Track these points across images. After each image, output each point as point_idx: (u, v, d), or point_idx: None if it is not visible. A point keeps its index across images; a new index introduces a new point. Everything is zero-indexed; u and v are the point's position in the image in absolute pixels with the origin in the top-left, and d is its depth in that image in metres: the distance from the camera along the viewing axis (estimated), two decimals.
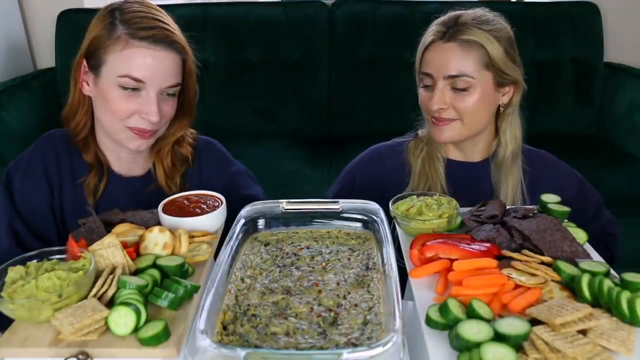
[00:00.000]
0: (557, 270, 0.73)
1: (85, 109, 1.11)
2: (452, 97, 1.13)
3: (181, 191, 1.06)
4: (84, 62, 1.07)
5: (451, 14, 1.16)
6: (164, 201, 0.96)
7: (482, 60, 1.11)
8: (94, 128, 1.14)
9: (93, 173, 1.12)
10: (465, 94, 1.12)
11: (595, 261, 0.77)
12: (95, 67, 1.05)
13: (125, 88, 1.02)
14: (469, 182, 1.22)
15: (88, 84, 1.08)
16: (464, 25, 1.12)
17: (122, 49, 1.01)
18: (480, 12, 1.15)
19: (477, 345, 0.59)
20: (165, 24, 1.05)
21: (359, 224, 0.94)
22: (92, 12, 1.08)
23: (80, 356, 0.63)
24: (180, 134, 1.18)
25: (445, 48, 1.13)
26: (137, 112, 1.04)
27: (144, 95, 1.03)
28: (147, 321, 0.66)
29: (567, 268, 0.73)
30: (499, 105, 1.19)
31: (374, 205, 0.94)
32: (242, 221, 0.91)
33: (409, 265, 0.81)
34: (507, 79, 1.15)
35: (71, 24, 2.41)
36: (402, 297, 0.71)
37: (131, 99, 1.03)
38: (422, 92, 1.20)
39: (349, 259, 0.85)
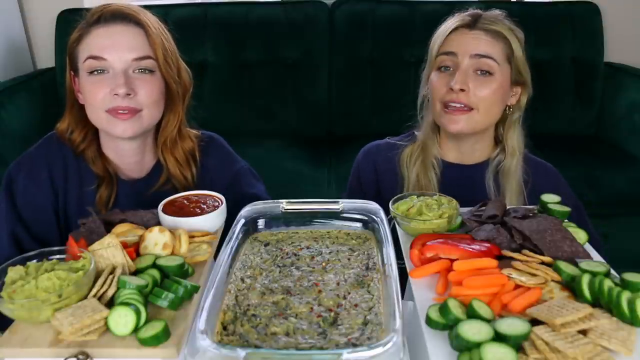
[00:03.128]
0: (557, 270, 0.73)
1: (82, 123, 1.11)
2: (473, 80, 1.11)
3: (195, 181, 1.06)
4: (72, 72, 1.09)
5: (471, 11, 1.17)
6: (164, 201, 0.96)
7: (505, 52, 1.13)
8: (98, 140, 1.14)
9: (104, 186, 1.11)
10: (487, 80, 1.12)
11: (596, 261, 0.77)
12: (75, 70, 1.08)
13: (92, 73, 1.03)
14: (464, 185, 1.22)
15: (81, 93, 1.09)
16: (489, 18, 1.14)
17: (84, 38, 1.05)
18: (498, 13, 1.17)
19: (477, 345, 0.59)
20: (116, 4, 1.07)
21: (359, 224, 0.94)
22: None
23: (80, 356, 0.63)
24: (179, 119, 1.15)
25: (472, 33, 1.13)
26: (108, 92, 1.02)
27: (112, 74, 1.03)
28: (147, 321, 0.66)
29: (567, 268, 0.73)
30: (506, 107, 1.19)
31: (374, 205, 0.94)
32: (242, 221, 0.91)
33: (409, 265, 0.81)
34: (520, 78, 1.17)
35: (71, 24, 2.38)
36: (402, 297, 0.71)
37: (101, 81, 1.03)
38: (435, 77, 1.17)
39: (349, 259, 0.85)
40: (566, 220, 0.89)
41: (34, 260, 0.76)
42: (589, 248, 0.84)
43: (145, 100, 1.05)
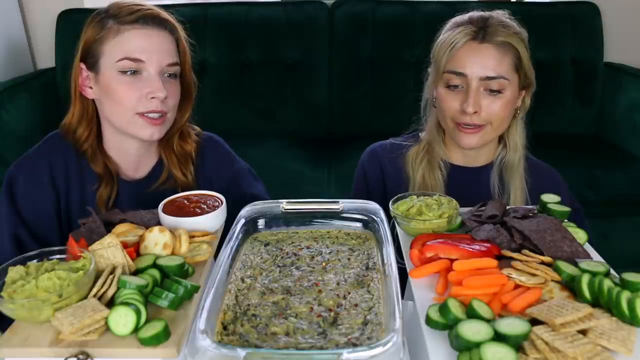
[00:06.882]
0: (557, 270, 0.74)
1: (89, 118, 1.11)
2: (485, 98, 1.11)
3: (195, 181, 1.08)
4: (82, 65, 1.07)
5: (476, 14, 1.15)
6: (164, 201, 0.96)
7: (513, 62, 1.12)
8: (100, 137, 1.14)
9: (104, 184, 1.11)
10: (498, 97, 1.11)
11: (595, 261, 0.77)
12: (93, 64, 1.06)
13: (125, 72, 1.03)
14: (469, 187, 1.22)
15: (91, 87, 1.08)
16: (497, 26, 1.11)
17: (115, 36, 1.03)
18: (502, 14, 1.15)
19: (477, 345, 0.59)
20: (151, 7, 1.07)
21: (359, 224, 0.94)
22: (92, 12, 1.08)
23: (81, 356, 0.63)
24: (186, 118, 1.18)
25: (481, 49, 1.10)
26: (144, 95, 1.03)
27: (146, 76, 1.04)
28: (147, 321, 0.66)
29: (567, 268, 0.73)
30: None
31: (374, 205, 0.94)
32: (242, 221, 0.91)
33: (409, 265, 0.81)
34: (527, 82, 1.16)
35: (71, 24, 2.40)
36: (402, 297, 0.71)
37: (134, 83, 1.03)
38: (444, 93, 1.15)
39: (349, 259, 0.85)
40: (566, 220, 0.89)
41: (35, 260, 0.76)
42: (588, 248, 0.84)
43: (171, 103, 1.09)
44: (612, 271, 0.75)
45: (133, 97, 1.03)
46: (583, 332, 0.61)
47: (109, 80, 1.04)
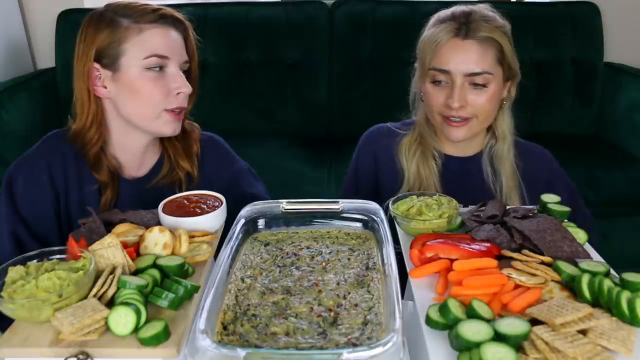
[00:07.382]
0: (557, 270, 0.74)
1: (99, 120, 1.10)
2: (470, 93, 1.13)
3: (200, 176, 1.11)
4: (96, 65, 1.05)
5: (458, 9, 1.16)
6: (164, 201, 0.96)
7: (496, 56, 1.13)
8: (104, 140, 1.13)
9: (109, 190, 1.11)
10: (483, 91, 1.13)
11: (595, 261, 0.77)
12: (110, 63, 1.05)
13: (152, 69, 1.05)
14: (462, 176, 1.23)
15: (105, 87, 1.07)
16: (479, 22, 1.12)
17: (137, 34, 1.04)
18: (484, 7, 1.17)
19: (477, 345, 0.59)
20: (165, 7, 1.09)
21: (359, 224, 0.94)
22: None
23: (81, 356, 0.63)
24: (188, 109, 1.19)
25: (464, 45, 1.12)
26: (170, 91, 1.06)
27: (169, 73, 1.07)
28: (147, 321, 0.67)
29: (567, 268, 0.73)
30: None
31: (374, 205, 0.94)
32: (242, 221, 0.91)
33: (408, 265, 0.81)
34: (512, 72, 1.18)
35: (71, 24, 2.40)
36: (402, 297, 0.71)
37: (159, 79, 1.06)
38: (430, 89, 1.18)
39: (349, 259, 0.85)
40: (566, 220, 0.89)
41: (35, 260, 0.76)
42: (589, 248, 0.84)
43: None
44: (612, 271, 0.75)
45: (159, 93, 1.06)
46: (583, 332, 0.61)
47: (133, 77, 1.05)
